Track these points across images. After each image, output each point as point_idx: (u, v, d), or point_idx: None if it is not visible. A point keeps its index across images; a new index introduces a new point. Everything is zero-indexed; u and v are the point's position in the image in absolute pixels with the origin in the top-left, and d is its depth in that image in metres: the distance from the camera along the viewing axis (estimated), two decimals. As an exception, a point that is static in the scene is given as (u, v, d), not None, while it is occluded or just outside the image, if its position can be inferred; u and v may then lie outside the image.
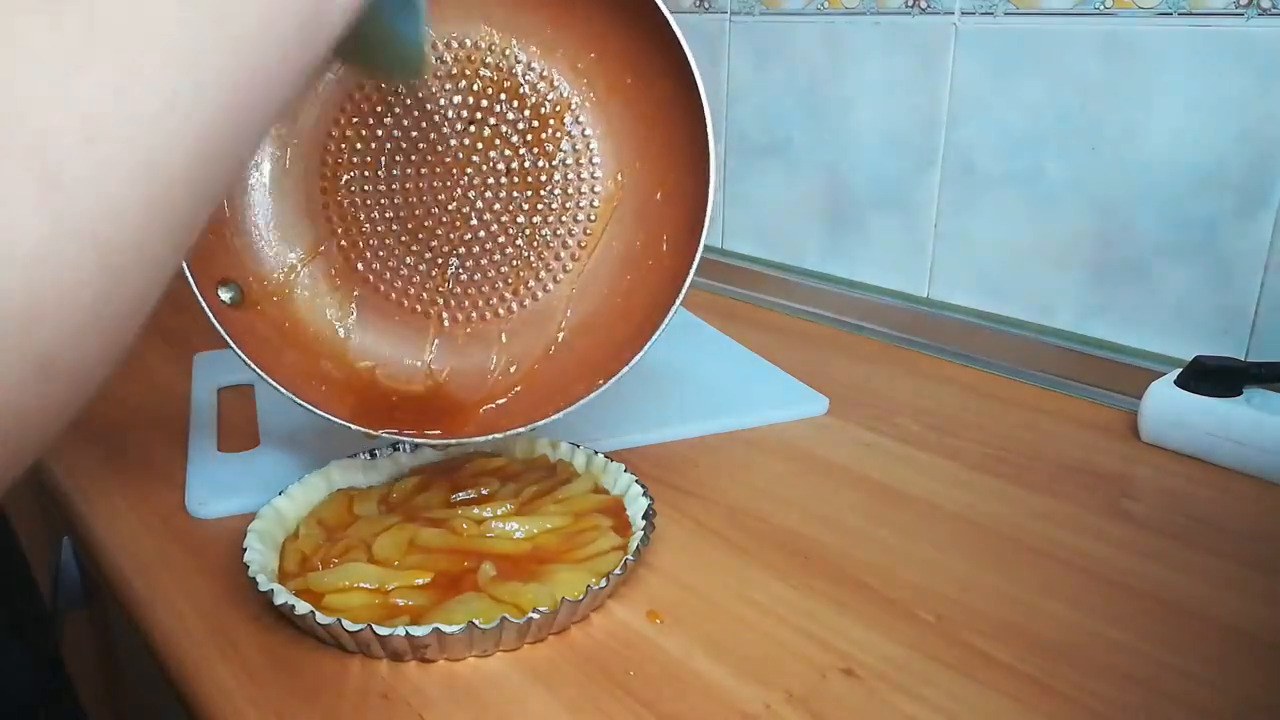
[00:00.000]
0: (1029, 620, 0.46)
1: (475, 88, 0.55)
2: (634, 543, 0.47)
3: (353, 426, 0.51)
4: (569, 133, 0.56)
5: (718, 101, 0.99)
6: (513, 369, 0.57)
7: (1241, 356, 0.67)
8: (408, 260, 0.57)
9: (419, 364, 0.57)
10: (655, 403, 0.69)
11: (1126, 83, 0.69)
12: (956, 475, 0.60)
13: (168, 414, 0.67)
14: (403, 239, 0.57)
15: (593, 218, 0.57)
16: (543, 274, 0.57)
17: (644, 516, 0.49)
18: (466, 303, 0.57)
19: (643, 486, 0.51)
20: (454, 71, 0.55)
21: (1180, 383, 0.63)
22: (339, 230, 0.56)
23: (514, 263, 0.57)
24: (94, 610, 0.78)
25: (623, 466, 0.53)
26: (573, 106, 0.56)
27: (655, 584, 0.48)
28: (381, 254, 0.57)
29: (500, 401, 0.56)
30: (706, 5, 0.98)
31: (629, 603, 0.47)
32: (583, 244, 0.57)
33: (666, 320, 0.51)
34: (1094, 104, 0.71)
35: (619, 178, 0.56)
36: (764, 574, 0.49)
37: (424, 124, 0.55)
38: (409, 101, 0.55)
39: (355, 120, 0.55)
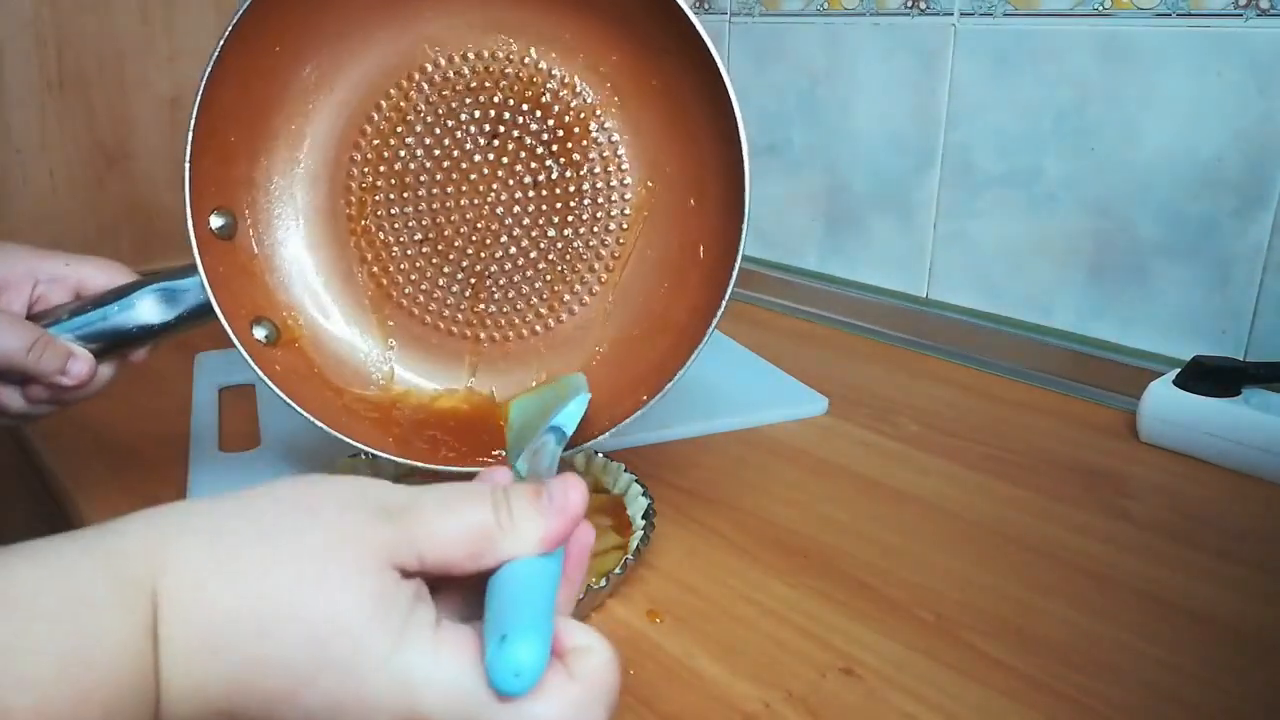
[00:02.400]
0: (1029, 620, 0.46)
1: (496, 100, 0.54)
2: (634, 542, 0.47)
3: (400, 460, 0.50)
4: (595, 140, 0.54)
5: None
6: None
7: (1240, 357, 0.67)
8: (440, 283, 0.55)
9: (460, 388, 0.56)
10: (655, 402, 0.69)
11: (1126, 83, 0.70)
12: (956, 475, 0.60)
13: (169, 414, 0.67)
14: (434, 261, 0.55)
15: (624, 226, 0.55)
16: (578, 287, 0.56)
17: (644, 516, 0.49)
18: (503, 321, 0.56)
19: (643, 486, 0.52)
20: (473, 85, 0.54)
21: (1179, 383, 0.63)
22: (369, 256, 0.55)
23: (548, 278, 0.56)
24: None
25: (623, 466, 0.54)
26: (598, 113, 0.54)
27: (655, 584, 0.48)
28: (414, 278, 0.56)
29: None
30: (706, 6, 0.98)
31: (629, 602, 0.47)
32: (616, 254, 0.55)
33: (709, 330, 0.49)
34: (1093, 104, 0.72)
35: (649, 184, 0.55)
36: (764, 574, 0.49)
37: (446, 141, 0.54)
38: (429, 119, 0.54)
39: (376, 143, 0.54)
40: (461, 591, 0.30)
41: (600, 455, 0.55)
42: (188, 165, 0.48)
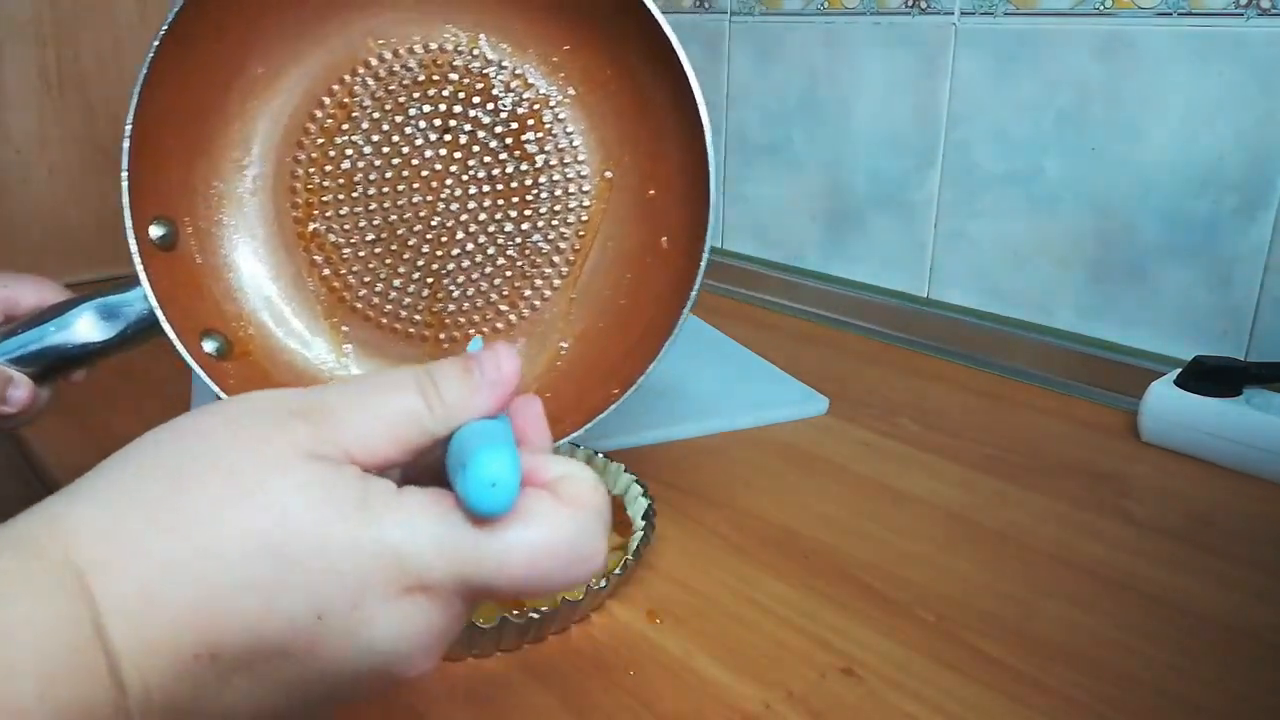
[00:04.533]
0: (1029, 620, 0.46)
1: (445, 93, 0.53)
2: (634, 543, 0.47)
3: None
4: (550, 132, 0.54)
5: (718, 101, 0.99)
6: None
7: (1241, 357, 0.67)
8: (395, 284, 0.54)
9: None
10: (655, 403, 0.69)
11: (1126, 83, 0.69)
12: (956, 475, 0.60)
13: (167, 415, 0.67)
14: (388, 262, 0.54)
15: (584, 219, 0.54)
16: (538, 282, 0.55)
17: (644, 517, 0.49)
18: (463, 320, 0.55)
19: (643, 486, 0.51)
20: (420, 79, 0.53)
21: (1180, 383, 0.63)
22: (319, 260, 0.54)
23: (507, 274, 0.55)
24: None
25: (623, 466, 0.53)
26: (551, 103, 0.53)
27: (655, 584, 0.48)
28: (368, 280, 0.54)
29: None
30: (706, 5, 0.98)
31: (629, 603, 0.47)
32: (576, 247, 0.55)
33: (679, 323, 0.49)
34: (1094, 104, 0.71)
35: (607, 175, 0.54)
36: (764, 574, 0.49)
37: (395, 137, 0.53)
38: (376, 116, 0.53)
39: (320, 142, 0.53)
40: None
41: (600, 455, 0.55)
42: (125, 174, 0.46)
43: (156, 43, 0.45)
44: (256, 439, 0.26)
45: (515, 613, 0.42)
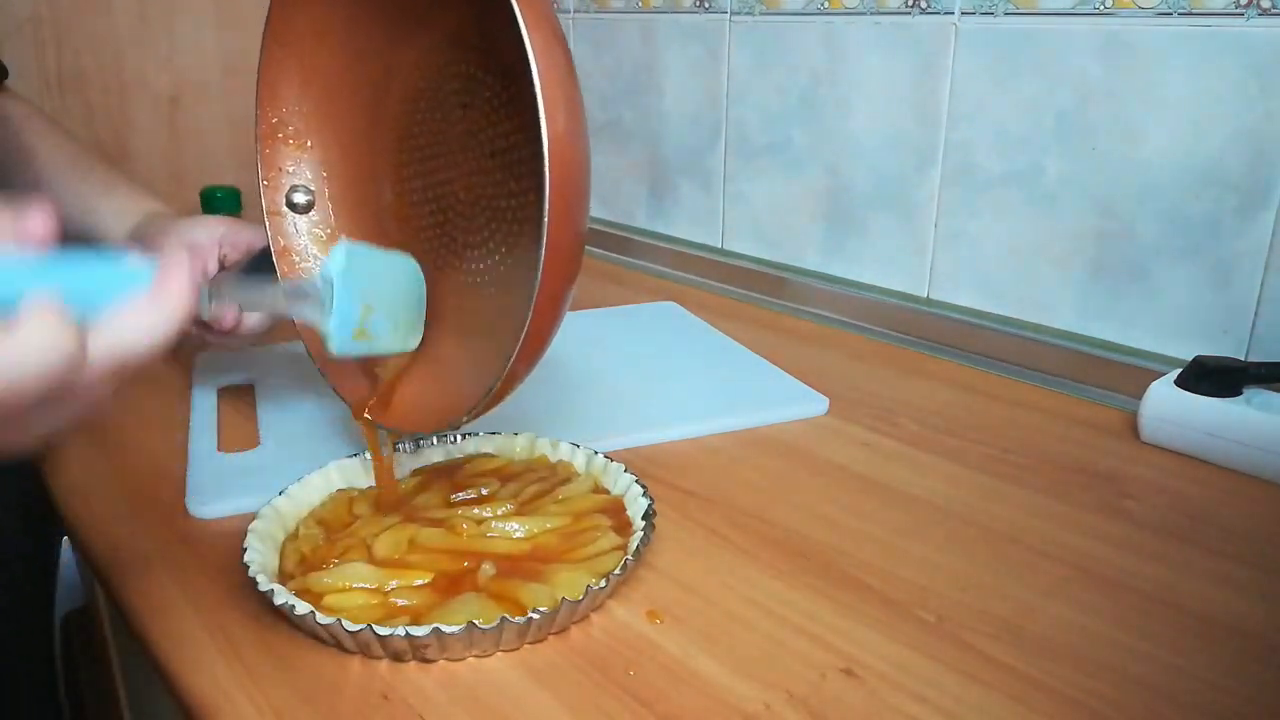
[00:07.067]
0: (1029, 620, 0.46)
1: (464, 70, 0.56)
2: (634, 543, 0.47)
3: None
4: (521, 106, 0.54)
5: (718, 100, 0.99)
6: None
7: (1241, 357, 0.67)
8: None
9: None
10: (655, 403, 0.69)
11: (1126, 83, 0.69)
12: (956, 475, 0.60)
13: (168, 413, 0.67)
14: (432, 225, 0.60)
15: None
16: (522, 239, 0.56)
17: (644, 516, 0.49)
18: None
19: (643, 486, 0.51)
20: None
21: (1180, 383, 0.63)
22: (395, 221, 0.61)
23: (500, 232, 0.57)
24: (91, 609, 0.78)
25: (623, 466, 0.53)
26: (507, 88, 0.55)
27: (655, 584, 0.48)
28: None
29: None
30: (706, 5, 0.98)
31: (629, 603, 0.47)
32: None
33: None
34: (1094, 104, 0.71)
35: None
36: (764, 574, 0.49)
37: (437, 113, 0.58)
38: (435, 90, 0.58)
39: (409, 124, 0.59)
40: None
41: (600, 455, 0.55)
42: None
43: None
44: None
45: (516, 615, 0.42)
